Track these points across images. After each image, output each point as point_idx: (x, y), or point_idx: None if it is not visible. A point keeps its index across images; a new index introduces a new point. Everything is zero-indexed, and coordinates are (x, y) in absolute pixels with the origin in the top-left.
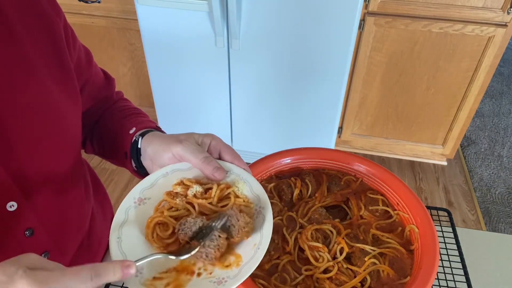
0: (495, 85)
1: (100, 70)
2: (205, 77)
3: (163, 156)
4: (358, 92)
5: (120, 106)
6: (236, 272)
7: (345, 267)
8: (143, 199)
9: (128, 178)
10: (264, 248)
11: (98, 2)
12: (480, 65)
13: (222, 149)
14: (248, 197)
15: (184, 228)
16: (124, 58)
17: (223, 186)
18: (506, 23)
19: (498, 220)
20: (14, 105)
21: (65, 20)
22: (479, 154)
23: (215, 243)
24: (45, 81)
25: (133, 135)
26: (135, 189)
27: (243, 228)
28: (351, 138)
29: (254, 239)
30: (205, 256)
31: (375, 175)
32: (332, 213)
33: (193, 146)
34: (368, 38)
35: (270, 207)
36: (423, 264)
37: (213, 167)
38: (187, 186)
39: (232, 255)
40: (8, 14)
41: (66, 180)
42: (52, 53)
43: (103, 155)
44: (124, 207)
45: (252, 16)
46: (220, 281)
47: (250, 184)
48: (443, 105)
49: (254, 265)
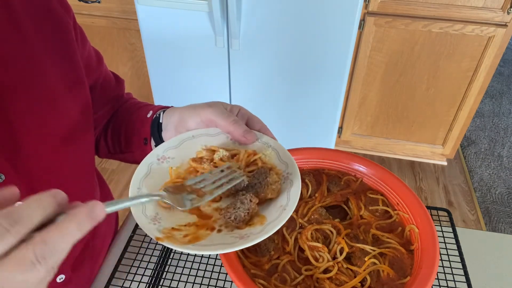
0: (495, 85)
1: (110, 71)
2: (205, 77)
3: (189, 122)
4: (358, 92)
5: (131, 103)
6: (259, 230)
7: (345, 267)
8: (166, 158)
9: (128, 178)
10: (290, 210)
11: (98, 2)
12: (480, 65)
13: (250, 118)
14: (275, 164)
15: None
16: (124, 58)
17: (250, 152)
18: (506, 23)
19: (498, 220)
20: (23, 102)
21: (74, 19)
22: (479, 154)
23: (246, 206)
24: (53, 79)
25: (151, 117)
26: (160, 147)
27: (270, 185)
28: (351, 138)
29: (281, 201)
30: (233, 218)
31: (375, 175)
32: (332, 213)
33: (222, 110)
34: (368, 38)
35: (299, 173)
36: (423, 264)
37: (244, 129)
38: (213, 151)
39: (257, 216)
40: (17, 9)
41: (72, 175)
42: (61, 51)
43: (118, 152)
44: (146, 162)
45: (252, 16)
46: (243, 236)
47: (278, 152)
48: (443, 105)
49: (278, 225)
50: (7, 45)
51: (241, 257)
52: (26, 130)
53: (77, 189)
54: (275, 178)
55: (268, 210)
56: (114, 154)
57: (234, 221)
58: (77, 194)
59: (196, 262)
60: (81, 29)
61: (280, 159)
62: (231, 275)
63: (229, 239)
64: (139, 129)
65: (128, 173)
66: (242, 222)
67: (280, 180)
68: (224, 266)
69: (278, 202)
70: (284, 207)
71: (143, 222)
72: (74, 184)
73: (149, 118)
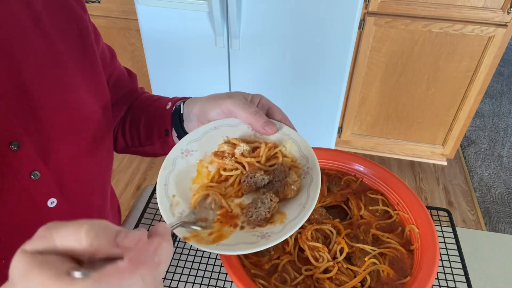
0: (495, 85)
1: (123, 66)
2: (205, 77)
3: (210, 112)
4: (358, 92)
5: (147, 96)
6: (280, 229)
7: (345, 267)
8: (190, 151)
9: (128, 178)
10: (310, 208)
11: (98, 2)
12: (480, 65)
13: (271, 108)
14: (296, 157)
15: (250, 182)
16: (124, 58)
17: (271, 145)
18: (506, 23)
19: (498, 220)
20: (54, 102)
21: (89, 16)
22: (479, 154)
23: (266, 206)
24: (75, 76)
25: (171, 108)
26: (183, 140)
27: (290, 185)
28: (351, 138)
29: (301, 199)
30: (255, 217)
31: (375, 175)
32: (332, 213)
33: (243, 100)
34: (368, 38)
35: (319, 168)
36: (423, 264)
37: (264, 121)
38: (234, 145)
39: (277, 213)
40: (40, 12)
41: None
42: (80, 48)
43: (137, 145)
44: (171, 157)
45: (252, 16)
46: (264, 235)
47: (299, 144)
48: (443, 105)
49: (299, 223)
50: (42, 57)
51: (241, 257)
52: (56, 131)
53: (96, 187)
54: (295, 178)
55: (288, 206)
56: (132, 147)
57: (255, 220)
58: (95, 193)
59: (196, 262)
60: (94, 25)
61: (301, 152)
62: (231, 275)
63: (252, 237)
64: (160, 120)
65: (128, 173)
66: (263, 221)
67: (299, 179)
68: (224, 266)
69: (298, 199)
70: (303, 205)
71: (170, 220)
72: (94, 182)
73: (169, 110)
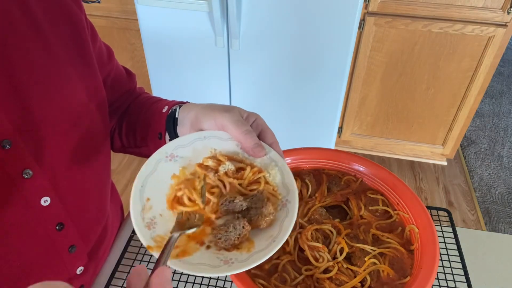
0: (495, 85)
1: (121, 66)
2: (205, 77)
3: (204, 122)
4: (358, 92)
5: (145, 97)
6: (244, 258)
7: (345, 267)
8: (174, 156)
9: (129, 178)
10: (279, 242)
11: (98, 2)
12: (480, 65)
13: (264, 130)
14: (277, 186)
15: (228, 206)
16: (124, 58)
17: (255, 170)
18: (506, 23)
19: (498, 220)
20: (42, 95)
21: (85, 14)
22: (479, 154)
23: (237, 232)
24: (66, 70)
25: (167, 111)
26: (171, 144)
27: (264, 217)
28: (351, 138)
29: (272, 231)
30: (224, 240)
31: (375, 175)
32: (332, 213)
33: (238, 117)
34: (368, 38)
35: (297, 203)
36: (423, 264)
37: (254, 143)
38: (219, 162)
39: (246, 241)
40: (33, 7)
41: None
42: (75, 46)
43: (133, 146)
44: (155, 158)
45: (252, 16)
46: (227, 261)
47: (283, 174)
48: (443, 105)
49: (264, 257)
50: (33, 52)
51: None
52: (47, 127)
53: (93, 186)
54: (270, 210)
55: (259, 236)
56: (128, 148)
57: (223, 243)
58: (92, 191)
59: None
60: (92, 24)
61: (284, 182)
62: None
63: (215, 260)
64: (155, 123)
65: (128, 173)
66: (231, 246)
67: (275, 212)
68: None
69: (270, 231)
70: (274, 239)
71: (140, 226)
72: (90, 180)
73: (165, 113)
